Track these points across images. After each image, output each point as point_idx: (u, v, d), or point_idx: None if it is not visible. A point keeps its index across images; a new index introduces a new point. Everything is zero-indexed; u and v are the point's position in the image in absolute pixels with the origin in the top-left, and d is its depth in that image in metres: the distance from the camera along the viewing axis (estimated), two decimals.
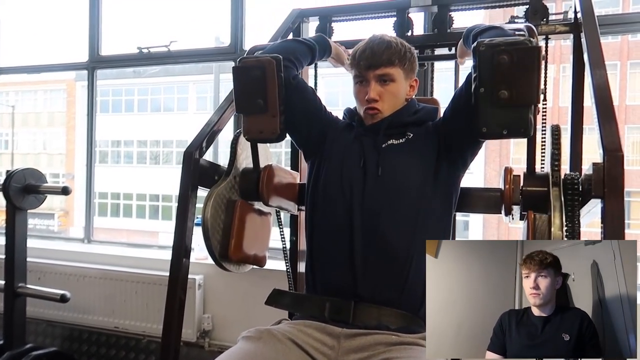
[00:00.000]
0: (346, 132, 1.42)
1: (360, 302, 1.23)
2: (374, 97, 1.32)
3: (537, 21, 1.72)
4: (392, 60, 1.32)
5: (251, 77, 1.34)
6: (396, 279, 1.24)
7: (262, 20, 3.64)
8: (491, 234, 13.51)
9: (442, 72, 2.12)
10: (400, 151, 1.33)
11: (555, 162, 1.17)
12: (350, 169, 1.33)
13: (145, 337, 2.61)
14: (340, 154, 1.37)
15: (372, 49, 1.32)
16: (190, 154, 1.40)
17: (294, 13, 1.93)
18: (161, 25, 13.34)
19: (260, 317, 1.55)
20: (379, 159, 1.31)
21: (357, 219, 1.27)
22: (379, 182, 1.29)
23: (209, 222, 1.37)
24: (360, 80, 1.36)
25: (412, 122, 1.37)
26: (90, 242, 3.10)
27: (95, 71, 3.09)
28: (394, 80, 1.33)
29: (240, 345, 1.20)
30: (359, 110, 1.40)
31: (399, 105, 1.37)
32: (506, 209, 1.27)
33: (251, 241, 1.49)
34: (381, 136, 1.34)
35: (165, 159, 16.89)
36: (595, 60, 1.30)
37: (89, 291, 2.67)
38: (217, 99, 10.59)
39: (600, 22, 1.46)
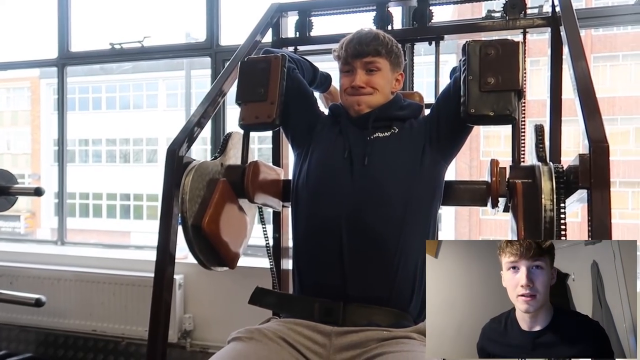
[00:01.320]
0: (332, 127, 1.41)
1: (349, 303, 1.22)
2: (360, 84, 1.34)
3: (515, 15, 1.74)
4: (378, 51, 1.34)
5: (257, 68, 1.43)
6: (385, 275, 1.23)
7: (238, 15, 3.60)
8: (462, 226, 13.72)
9: (420, 67, 2.12)
10: (387, 144, 1.33)
11: (542, 154, 1.19)
12: (336, 161, 1.32)
13: (124, 340, 2.56)
14: (325, 148, 1.37)
15: (359, 38, 1.34)
16: (174, 151, 1.36)
17: (273, 7, 1.90)
18: (134, 20, 13.03)
19: (243, 316, 1.52)
20: (366, 150, 1.31)
21: (343, 210, 1.25)
22: (365, 172, 1.28)
23: (188, 187, 1.31)
24: (347, 70, 1.37)
25: (398, 117, 1.37)
26: (63, 244, 3.02)
27: (65, 68, 2.99)
28: (380, 70, 1.35)
29: (232, 346, 1.18)
30: (344, 102, 1.40)
31: (384, 97, 1.37)
32: (493, 201, 1.28)
33: (227, 226, 1.38)
34: (369, 129, 1.34)
35: (135, 158, 16.57)
36: (576, 52, 1.32)
37: (64, 294, 2.60)
38: (189, 96, 10.43)
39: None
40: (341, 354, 1.18)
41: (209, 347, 2.47)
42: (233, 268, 1.44)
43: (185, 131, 1.43)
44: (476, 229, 13.07)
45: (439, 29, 1.83)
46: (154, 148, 16.05)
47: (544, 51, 1.70)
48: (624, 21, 2.28)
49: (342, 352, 1.18)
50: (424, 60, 2.17)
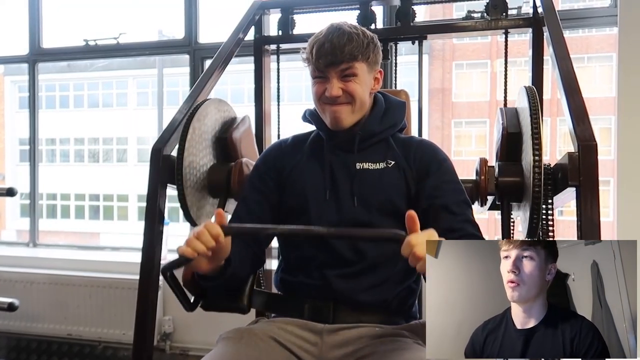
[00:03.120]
0: (310, 148, 1.30)
1: (339, 303, 1.20)
2: (336, 94, 1.19)
3: (497, 15, 1.75)
4: (354, 55, 1.18)
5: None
6: (373, 284, 1.20)
7: (217, 13, 3.55)
8: None
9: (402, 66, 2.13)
10: (378, 179, 1.22)
11: (537, 153, 1.17)
12: (319, 200, 1.22)
13: (101, 343, 2.50)
14: (309, 180, 1.25)
15: (331, 42, 1.18)
16: (159, 150, 1.34)
17: (255, 5, 1.88)
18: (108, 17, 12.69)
19: (224, 318, 1.49)
20: (354, 188, 1.21)
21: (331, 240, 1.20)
22: (354, 212, 1.21)
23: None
24: (321, 77, 1.22)
25: (383, 130, 1.26)
26: (35, 246, 2.92)
27: (36, 64, 2.91)
28: (356, 75, 1.20)
29: (222, 347, 1.15)
30: (319, 109, 1.26)
31: (364, 104, 1.24)
32: (481, 199, 1.29)
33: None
34: (354, 153, 1.24)
35: (105, 157, 16.21)
36: (561, 53, 1.34)
37: (38, 298, 2.52)
38: (161, 94, 10.27)
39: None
40: (334, 352, 1.16)
41: (189, 349, 2.43)
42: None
43: (170, 130, 1.40)
44: None
45: (422, 29, 1.85)
46: (124, 147, 15.73)
47: (522, 52, 1.72)
48: (598, 23, 2.33)
49: (335, 350, 1.17)
50: (404, 60, 2.18)
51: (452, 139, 13.74)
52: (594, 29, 9.67)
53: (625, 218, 1.98)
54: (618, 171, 2.00)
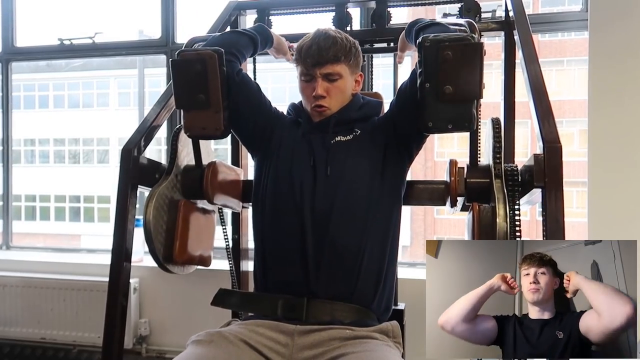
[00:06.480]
0: (293, 129, 1.40)
1: (313, 299, 1.23)
2: (322, 94, 1.32)
3: (471, 18, 1.77)
4: (338, 57, 1.31)
5: (192, 71, 1.29)
6: (348, 274, 1.24)
7: (194, 12, 3.53)
8: (418, 226, 13.96)
9: (379, 69, 2.14)
10: (349, 148, 1.33)
11: (497, 154, 1.21)
12: (300, 169, 1.32)
13: (75, 347, 2.46)
14: (288, 152, 1.36)
15: (318, 44, 1.31)
16: (129, 152, 1.33)
17: (231, 6, 1.87)
18: (84, 15, 12.50)
19: (201, 320, 1.50)
20: (328, 158, 1.31)
21: (307, 218, 1.27)
22: (328, 182, 1.29)
23: (151, 223, 1.30)
24: (307, 77, 1.34)
25: (359, 118, 1.38)
26: (9, 249, 2.88)
27: (10, 64, 2.86)
28: (340, 76, 1.33)
29: (191, 350, 1.15)
30: (306, 107, 1.39)
31: (345, 101, 1.37)
32: (452, 200, 1.30)
33: (196, 241, 1.43)
34: (329, 134, 1.34)
35: (85, 158, 15.99)
36: (530, 56, 1.36)
37: (10, 301, 2.48)
38: (142, 95, 10.15)
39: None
40: (303, 353, 1.17)
41: (165, 352, 2.41)
42: (208, 266, 1.54)
43: (141, 131, 1.39)
44: (431, 229, 13.33)
45: (397, 31, 1.84)
46: (105, 148, 15.54)
47: (495, 55, 1.74)
48: (571, 27, 2.37)
49: (305, 351, 1.17)
50: (381, 62, 2.19)
51: (435, 140, 13.85)
52: (572, 32, 9.88)
53: (595, 218, 2.02)
54: (589, 172, 2.03)
